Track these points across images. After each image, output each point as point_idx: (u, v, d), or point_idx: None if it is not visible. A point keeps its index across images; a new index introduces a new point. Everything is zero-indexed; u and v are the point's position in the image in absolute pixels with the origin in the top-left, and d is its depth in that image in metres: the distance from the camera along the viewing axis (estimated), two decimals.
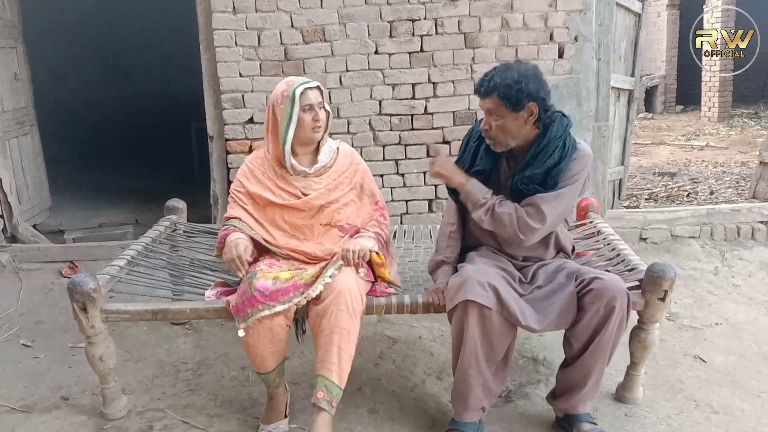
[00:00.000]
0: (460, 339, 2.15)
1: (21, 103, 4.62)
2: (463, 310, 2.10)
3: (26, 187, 4.59)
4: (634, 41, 4.57)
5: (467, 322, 2.09)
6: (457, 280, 2.15)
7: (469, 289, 2.07)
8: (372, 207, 2.52)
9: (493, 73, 2.16)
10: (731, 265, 3.93)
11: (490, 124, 2.19)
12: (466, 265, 2.25)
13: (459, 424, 2.23)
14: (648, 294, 2.28)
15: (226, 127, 3.75)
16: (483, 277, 2.10)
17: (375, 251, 2.33)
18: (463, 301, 2.08)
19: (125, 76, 8.05)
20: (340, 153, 2.51)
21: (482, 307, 2.07)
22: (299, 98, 2.30)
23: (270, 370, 2.26)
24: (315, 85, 2.36)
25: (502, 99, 2.12)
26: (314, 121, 2.34)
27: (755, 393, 2.56)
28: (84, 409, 2.54)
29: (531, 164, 2.19)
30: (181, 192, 3.97)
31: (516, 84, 2.10)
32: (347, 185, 2.47)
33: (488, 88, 2.15)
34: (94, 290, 2.25)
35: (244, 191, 2.45)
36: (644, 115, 11.92)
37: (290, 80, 2.36)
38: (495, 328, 2.10)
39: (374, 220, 2.50)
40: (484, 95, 2.17)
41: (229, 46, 3.65)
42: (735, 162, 7.57)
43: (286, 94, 2.31)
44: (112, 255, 3.15)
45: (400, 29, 3.66)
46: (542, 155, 2.18)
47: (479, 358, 2.14)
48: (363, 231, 2.43)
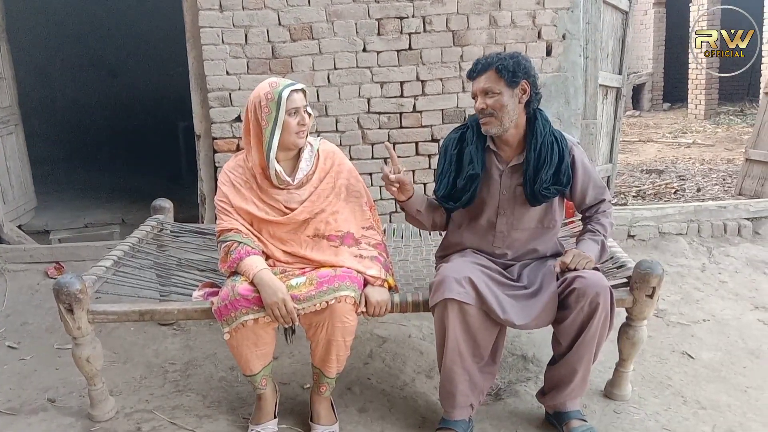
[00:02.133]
0: (443, 337, 2.16)
1: (5, 102, 4.57)
2: (443, 308, 2.11)
3: (11, 187, 4.54)
4: (622, 39, 4.60)
5: (448, 319, 2.10)
6: (436, 279, 2.16)
7: (447, 287, 2.08)
8: (361, 209, 2.38)
9: (487, 54, 2.21)
10: (718, 261, 3.96)
11: (485, 103, 2.17)
12: (444, 264, 2.26)
13: (449, 422, 2.24)
14: (636, 291, 2.29)
15: (213, 126, 3.73)
16: (460, 273, 2.12)
17: (392, 286, 2.31)
18: (443, 300, 2.09)
19: (111, 74, 7.99)
20: (320, 155, 2.35)
21: (461, 304, 2.08)
22: (285, 101, 2.18)
23: (255, 372, 2.25)
24: (300, 87, 2.24)
25: (499, 71, 2.13)
26: (300, 125, 2.22)
27: (741, 388, 2.58)
28: (71, 411, 2.51)
29: (540, 166, 2.19)
30: (167, 191, 3.95)
31: (512, 58, 2.15)
32: (330, 191, 2.33)
33: (485, 65, 2.16)
34: (80, 291, 2.22)
35: (228, 202, 2.30)
36: (632, 112, 12.01)
37: (273, 82, 2.23)
38: (476, 324, 2.12)
39: (368, 240, 2.35)
40: (481, 72, 2.17)
41: (215, 44, 3.63)
42: (721, 159, 7.64)
43: (270, 97, 2.18)
44: (99, 255, 3.12)
45: (388, 27, 3.66)
46: (543, 152, 2.19)
47: (463, 355, 2.15)
48: (361, 251, 2.30)
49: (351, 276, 2.18)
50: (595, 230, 2.32)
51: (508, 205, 2.28)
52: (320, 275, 2.18)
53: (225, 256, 2.24)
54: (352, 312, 2.15)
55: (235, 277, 2.20)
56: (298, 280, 2.18)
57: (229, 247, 2.23)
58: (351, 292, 2.13)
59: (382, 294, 2.22)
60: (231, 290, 2.13)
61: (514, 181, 2.26)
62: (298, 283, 2.17)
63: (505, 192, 2.27)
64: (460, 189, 2.27)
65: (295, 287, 2.15)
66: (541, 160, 2.19)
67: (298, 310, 2.12)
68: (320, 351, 2.21)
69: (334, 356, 2.20)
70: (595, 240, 2.30)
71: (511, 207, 2.29)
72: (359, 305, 2.17)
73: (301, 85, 2.26)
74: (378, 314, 2.22)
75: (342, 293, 2.12)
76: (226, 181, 2.32)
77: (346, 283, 2.14)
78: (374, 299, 2.19)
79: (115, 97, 7.90)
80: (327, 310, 2.11)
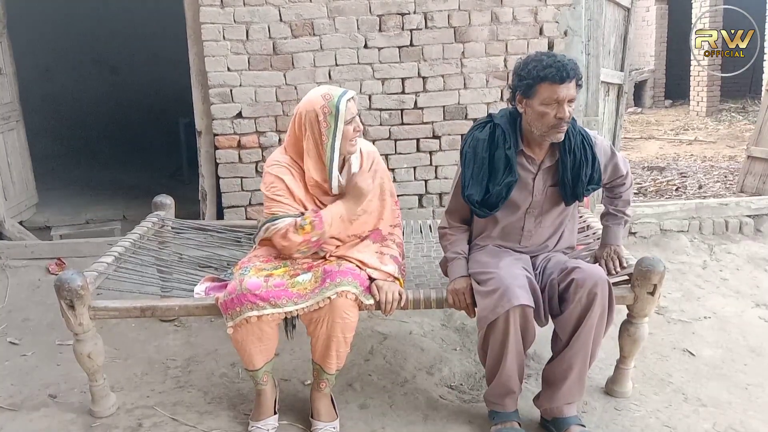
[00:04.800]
0: (503, 343, 2.12)
1: (6, 98, 4.56)
2: (506, 315, 2.07)
3: (12, 184, 4.54)
4: (624, 36, 4.58)
5: (512, 325, 2.08)
6: (494, 288, 2.10)
7: (512, 295, 2.05)
8: (391, 208, 2.43)
9: (560, 58, 2.07)
10: (719, 258, 3.95)
11: (569, 111, 2.09)
12: (493, 271, 2.18)
13: (509, 414, 2.27)
14: (637, 288, 2.29)
15: (214, 122, 3.72)
16: (516, 278, 2.11)
17: (400, 281, 2.31)
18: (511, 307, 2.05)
19: (112, 71, 7.97)
20: (363, 156, 2.37)
21: (525, 307, 2.06)
22: (344, 114, 2.18)
23: (258, 367, 2.25)
24: (353, 95, 2.24)
25: (579, 79, 2.09)
26: (355, 132, 2.24)
27: (742, 386, 2.58)
28: (72, 407, 2.52)
29: (578, 167, 2.18)
30: (168, 188, 3.94)
31: (575, 64, 2.09)
32: (372, 193, 2.36)
33: (572, 70, 2.05)
34: (81, 287, 2.23)
35: (287, 189, 2.28)
36: (633, 109, 11.98)
37: (325, 94, 2.21)
38: (532, 324, 2.12)
39: (393, 237, 2.41)
40: (570, 79, 2.05)
41: (216, 41, 3.62)
42: (723, 156, 7.62)
43: (328, 111, 2.17)
44: (100, 251, 3.12)
45: (389, 23, 3.65)
46: (578, 153, 2.18)
47: (520, 355, 2.18)
48: (383, 248, 2.34)
49: (353, 273, 2.18)
50: (618, 213, 2.42)
51: (538, 206, 2.28)
52: (325, 270, 2.19)
53: (293, 234, 2.21)
54: (353, 308, 2.16)
55: (244, 271, 2.20)
56: (304, 277, 2.20)
57: (293, 226, 2.22)
58: (352, 287, 2.14)
59: (392, 286, 2.23)
60: (239, 284, 2.13)
61: (546, 183, 2.26)
62: (304, 279, 2.19)
63: (538, 194, 2.26)
64: (494, 195, 2.22)
65: (301, 284, 2.17)
66: (577, 161, 2.18)
67: (301, 309, 2.13)
68: (320, 347, 2.21)
69: (334, 352, 2.20)
70: (619, 223, 2.42)
71: (540, 207, 2.29)
72: (362, 301, 2.18)
73: (353, 92, 2.25)
74: (388, 302, 2.20)
75: (343, 288, 2.12)
76: (284, 173, 2.29)
77: (348, 278, 2.15)
78: (385, 288, 2.20)
79: (116, 93, 7.88)
80: (327, 305, 2.12)
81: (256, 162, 3.74)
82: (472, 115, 3.76)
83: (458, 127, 3.78)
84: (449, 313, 3.18)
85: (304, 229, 2.21)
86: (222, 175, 3.78)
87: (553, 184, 2.25)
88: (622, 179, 2.39)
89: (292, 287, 2.16)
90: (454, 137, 3.78)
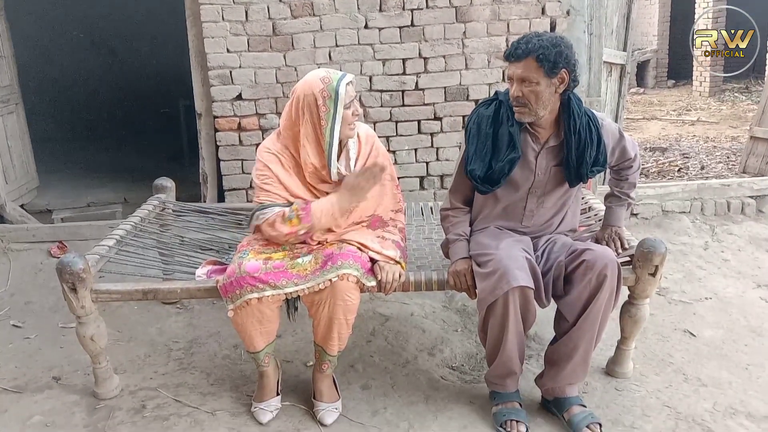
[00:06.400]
0: (503, 325, 2.13)
1: (5, 81, 4.54)
2: (506, 296, 2.07)
3: (13, 167, 4.53)
4: (627, 15, 4.53)
5: (512, 306, 2.08)
6: (493, 270, 2.10)
7: (511, 276, 2.05)
8: (392, 192, 2.41)
9: (528, 38, 2.09)
10: (721, 239, 3.95)
11: (521, 91, 2.10)
12: (493, 252, 2.17)
13: (511, 395, 2.28)
14: (639, 269, 2.29)
15: (214, 104, 3.70)
16: (516, 260, 2.10)
17: (402, 265, 2.29)
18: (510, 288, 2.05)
19: (112, 53, 7.92)
20: (361, 140, 2.33)
21: (524, 288, 2.07)
22: (344, 97, 2.15)
23: (259, 349, 2.26)
24: (351, 78, 2.20)
25: (539, 61, 2.05)
26: (354, 116, 2.21)
27: (743, 366, 2.59)
28: (76, 389, 2.54)
29: (583, 148, 2.17)
30: (169, 170, 3.93)
31: (554, 47, 2.06)
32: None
33: (525, 50, 2.06)
34: (83, 270, 2.23)
35: (275, 179, 2.24)
36: (636, 89, 11.91)
37: (324, 77, 2.16)
38: (531, 304, 2.13)
39: (396, 222, 2.40)
40: (520, 57, 2.07)
41: (216, 21, 3.59)
42: (726, 137, 7.58)
43: (327, 95, 2.13)
44: (101, 234, 3.12)
45: (390, 3, 3.60)
46: (583, 134, 2.16)
47: (520, 335, 2.18)
48: (385, 233, 2.32)
49: (355, 255, 2.18)
50: (623, 195, 2.44)
51: (540, 185, 2.27)
52: (325, 254, 2.19)
53: (280, 224, 2.19)
54: (354, 290, 2.16)
55: (243, 255, 2.20)
56: (304, 259, 2.19)
57: (280, 216, 2.19)
58: (354, 270, 2.14)
59: (393, 267, 2.23)
60: (237, 268, 2.14)
61: (550, 162, 2.24)
62: (304, 261, 2.18)
63: (541, 174, 2.25)
64: (497, 171, 2.22)
65: (301, 265, 2.16)
66: (582, 142, 2.17)
67: (301, 290, 2.13)
68: (322, 329, 2.22)
69: (336, 334, 2.21)
70: (622, 205, 2.45)
71: (543, 187, 2.28)
72: (364, 283, 2.18)
73: (351, 75, 2.22)
74: (388, 282, 2.20)
75: (344, 271, 2.12)
76: (272, 160, 2.25)
77: (349, 261, 2.14)
78: (387, 269, 2.20)
79: (116, 75, 7.84)
80: (329, 287, 2.12)
81: (257, 144, 3.69)
82: (474, 96, 3.73)
83: (460, 109, 3.75)
84: (450, 294, 3.19)
85: (291, 222, 2.19)
86: (222, 158, 3.76)
87: (557, 164, 2.23)
88: (630, 162, 2.38)
89: (291, 268, 2.15)
90: (455, 118, 3.76)
